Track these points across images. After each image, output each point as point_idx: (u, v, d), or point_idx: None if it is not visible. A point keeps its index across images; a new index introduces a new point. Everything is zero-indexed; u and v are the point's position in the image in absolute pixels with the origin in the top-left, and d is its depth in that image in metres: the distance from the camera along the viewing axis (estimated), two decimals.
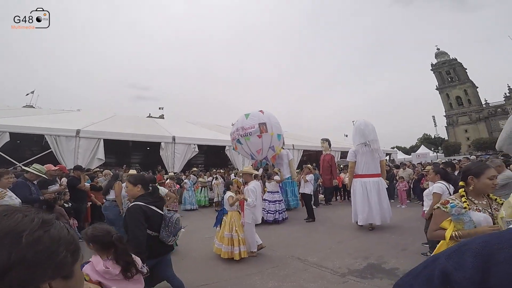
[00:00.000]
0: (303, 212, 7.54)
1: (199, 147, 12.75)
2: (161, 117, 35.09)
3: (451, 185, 3.61)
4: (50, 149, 9.08)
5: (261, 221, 6.54)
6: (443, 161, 11.64)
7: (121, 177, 5.64)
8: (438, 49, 72.12)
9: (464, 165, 9.02)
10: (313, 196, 8.00)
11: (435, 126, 52.29)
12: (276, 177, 7.48)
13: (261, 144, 7.86)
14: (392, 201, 9.63)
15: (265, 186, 7.47)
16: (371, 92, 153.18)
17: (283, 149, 9.07)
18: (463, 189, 1.90)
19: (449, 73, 68.22)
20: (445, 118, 67.65)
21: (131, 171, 6.18)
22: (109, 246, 1.71)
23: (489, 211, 1.80)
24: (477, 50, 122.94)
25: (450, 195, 3.42)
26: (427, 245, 4.12)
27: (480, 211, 1.79)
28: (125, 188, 2.83)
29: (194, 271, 3.89)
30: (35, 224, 0.49)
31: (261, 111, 8.29)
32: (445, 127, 67.23)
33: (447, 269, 0.46)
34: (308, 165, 8.23)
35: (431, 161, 19.90)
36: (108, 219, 4.99)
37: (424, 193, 4.18)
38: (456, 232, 1.77)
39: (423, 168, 10.28)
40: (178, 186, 9.49)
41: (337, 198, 10.71)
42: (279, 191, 7.39)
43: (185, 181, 10.04)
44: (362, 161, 5.95)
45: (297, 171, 9.86)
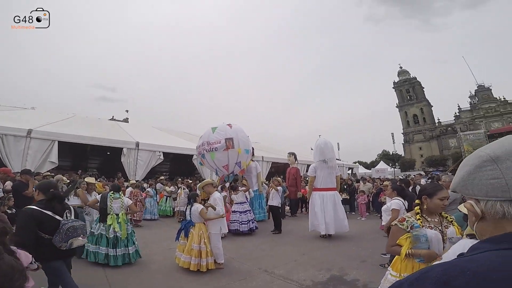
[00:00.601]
0: (270, 224, 7.78)
1: (165, 154, 12.45)
2: (126, 120, 33.55)
3: (406, 201, 4.07)
4: None
5: (235, 233, 6.82)
6: (400, 177, 12.72)
7: (78, 183, 5.42)
8: (400, 68, 78.50)
9: (416, 181, 10.11)
10: (280, 208, 8.27)
11: (394, 143, 56.89)
12: (242, 188, 7.63)
13: (227, 160, 7.75)
14: (353, 213, 10.41)
15: (231, 198, 7.57)
16: (339, 107, 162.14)
17: (252, 161, 9.29)
18: (418, 207, 2.10)
19: (409, 92, 74.10)
20: (403, 135, 73.78)
21: (89, 178, 5.86)
22: None
23: (440, 228, 2.02)
24: (435, 69, 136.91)
25: (406, 210, 3.89)
26: (384, 256, 4.56)
27: (432, 228, 2.01)
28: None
29: (156, 284, 3.86)
30: None
31: (229, 124, 8.19)
32: (402, 144, 73.05)
33: None
34: (277, 178, 8.51)
35: (389, 176, 21.66)
36: None
37: (382, 208, 4.58)
38: (409, 250, 1.95)
39: (381, 182, 11.19)
40: (144, 194, 9.28)
41: (302, 210, 11.14)
42: (246, 201, 7.53)
43: (147, 189, 9.86)
44: (321, 176, 6.70)
45: (266, 182, 10.12)
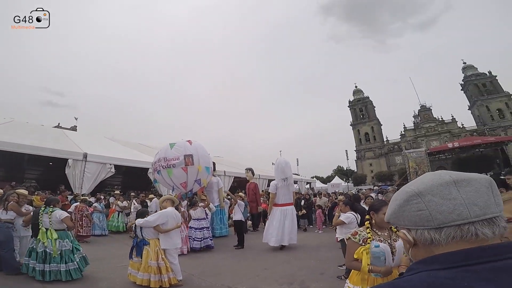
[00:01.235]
0: (231, 239, 7.86)
1: (117, 167, 11.82)
2: (73, 128, 30.91)
3: (359, 215, 4.54)
4: None
5: (185, 248, 6.67)
6: (352, 192, 13.75)
7: (7, 196, 5.03)
8: (356, 87, 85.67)
9: (366, 194, 11.09)
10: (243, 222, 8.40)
11: (347, 159, 61.52)
12: (201, 204, 7.65)
13: (186, 177, 7.59)
14: (311, 226, 10.97)
15: (189, 214, 7.50)
16: (299, 124, 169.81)
17: (214, 176, 9.33)
18: (369, 222, 2.29)
19: (362, 110, 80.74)
20: (355, 152, 79.61)
21: (20, 190, 5.36)
22: None
23: (389, 241, 2.18)
24: (386, 89, 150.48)
25: (358, 223, 4.34)
26: (340, 267, 4.94)
27: (382, 241, 2.16)
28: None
29: None
30: None
31: (188, 141, 8.08)
32: (355, 160, 78.78)
33: None
34: (240, 193, 8.66)
35: (343, 190, 23.21)
36: None
37: (334, 220, 5.06)
38: (370, 266, 2.07)
39: (336, 197, 12.02)
40: (91, 209, 8.69)
41: (265, 224, 11.36)
42: (206, 217, 7.50)
43: (94, 204, 9.36)
44: (281, 193, 7.27)
45: (228, 197, 10.21)
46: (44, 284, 4.25)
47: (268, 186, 15.33)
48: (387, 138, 76.94)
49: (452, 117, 68.48)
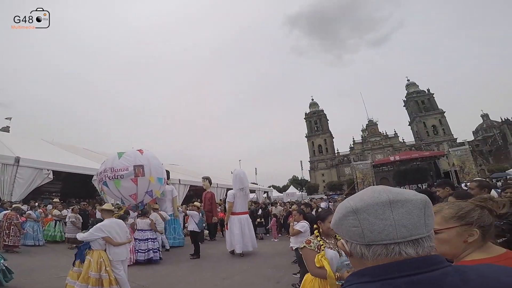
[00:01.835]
0: (187, 249, 7.72)
1: (56, 173, 10.79)
2: (6, 129, 27.16)
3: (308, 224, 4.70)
4: None
5: (131, 259, 6.36)
6: (305, 201, 14.42)
7: None
8: (312, 100, 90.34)
9: (318, 203, 11.72)
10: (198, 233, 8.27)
11: (302, 169, 64.32)
12: (152, 216, 7.40)
13: (136, 188, 7.18)
14: (267, 235, 11.21)
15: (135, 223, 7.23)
16: (259, 133, 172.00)
17: (168, 184, 9.04)
18: (317, 231, 2.43)
19: (316, 123, 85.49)
20: (309, 163, 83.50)
21: None
22: None
23: (337, 249, 2.28)
24: (339, 102, 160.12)
25: (311, 232, 4.55)
26: (295, 275, 5.13)
27: (331, 249, 2.29)
28: None
29: None
30: None
31: (139, 150, 7.69)
32: (309, 171, 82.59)
33: None
34: (195, 203, 8.54)
35: (297, 199, 24.14)
36: None
37: (290, 230, 5.12)
38: (337, 274, 2.12)
39: (290, 206, 12.46)
40: (23, 218, 7.96)
41: (222, 233, 11.28)
42: (152, 229, 7.23)
43: (28, 212, 8.64)
44: (238, 202, 7.62)
45: (181, 207, 9.97)
46: None
47: (226, 195, 15.37)
48: (338, 150, 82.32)
49: (394, 132, 76.24)
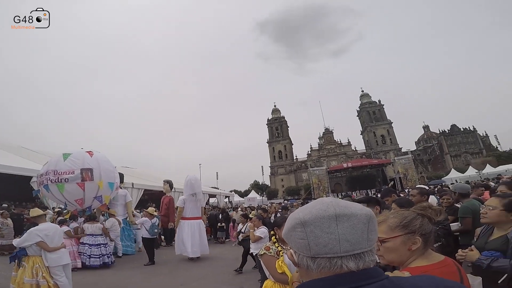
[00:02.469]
0: (142, 255, 7.52)
1: None
2: None
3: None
4: None
5: (85, 267, 6.26)
6: (263, 206, 14.73)
7: None
8: (275, 106, 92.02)
9: (276, 209, 12.04)
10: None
11: (263, 174, 65.36)
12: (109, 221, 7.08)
13: (83, 194, 6.77)
14: (228, 240, 11.24)
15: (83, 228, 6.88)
16: (221, 137, 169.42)
17: (121, 188, 8.68)
18: (274, 237, 2.48)
19: (277, 129, 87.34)
20: (270, 168, 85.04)
21: None
22: None
23: None
24: (299, 110, 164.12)
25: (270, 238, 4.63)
26: (260, 281, 5.19)
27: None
28: None
29: None
30: None
31: (89, 152, 7.26)
32: (269, 176, 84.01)
33: None
34: (149, 208, 8.30)
35: (257, 204, 24.49)
36: None
37: (251, 237, 5.06)
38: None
39: (251, 211, 12.65)
40: None
41: None
42: (103, 234, 6.96)
43: None
44: (189, 207, 7.73)
45: (137, 211, 9.56)
46: None
47: None
48: (296, 156, 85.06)
49: (348, 140, 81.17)
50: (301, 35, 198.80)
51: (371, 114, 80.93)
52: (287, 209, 9.96)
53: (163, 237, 10.37)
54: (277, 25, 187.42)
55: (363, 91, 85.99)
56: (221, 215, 11.76)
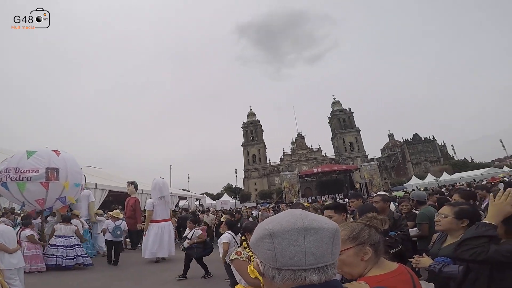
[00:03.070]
0: (101, 259, 7.31)
1: None
2: None
3: (237, 235, 4.43)
4: None
5: (56, 268, 6.05)
6: (235, 209, 14.62)
7: None
8: (250, 110, 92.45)
9: (249, 212, 12.04)
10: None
11: (236, 178, 65.09)
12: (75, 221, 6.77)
13: (46, 194, 6.42)
14: None
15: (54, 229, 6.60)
16: (195, 139, 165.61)
17: (85, 189, 8.25)
18: (245, 242, 2.49)
19: (252, 133, 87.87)
20: (243, 171, 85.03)
21: None
22: None
23: None
24: (274, 114, 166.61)
25: (236, 243, 4.54)
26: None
27: None
28: None
29: None
30: None
31: (56, 151, 6.90)
32: (243, 179, 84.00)
33: None
34: (114, 211, 7.97)
35: (230, 207, 24.24)
36: None
37: (218, 241, 4.88)
38: None
39: (222, 214, 12.54)
40: None
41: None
42: (74, 235, 6.70)
43: None
44: (158, 210, 7.89)
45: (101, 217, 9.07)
46: None
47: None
48: (270, 160, 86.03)
49: (319, 146, 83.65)
50: (281, 40, 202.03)
51: (341, 121, 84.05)
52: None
53: (128, 240, 9.94)
54: (259, 28, 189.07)
55: (335, 99, 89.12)
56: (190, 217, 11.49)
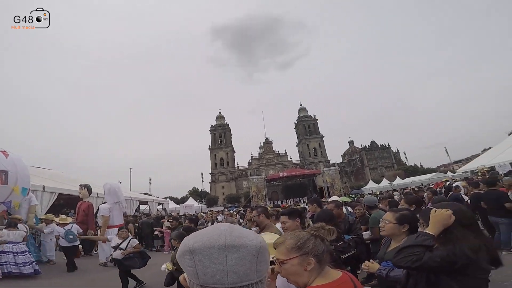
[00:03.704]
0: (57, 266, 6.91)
1: None
2: None
3: None
4: None
5: (9, 275, 5.56)
6: (203, 214, 14.24)
7: None
8: (220, 113, 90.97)
9: (214, 216, 11.79)
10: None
11: (202, 181, 63.85)
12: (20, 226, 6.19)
13: None
14: (163, 247, 10.79)
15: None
16: (158, 141, 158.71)
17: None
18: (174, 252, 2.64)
19: (221, 136, 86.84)
20: (210, 175, 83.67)
21: None
22: None
23: None
24: (243, 118, 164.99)
25: None
26: None
27: None
28: None
29: None
30: None
31: (3, 152, 6.52)
32: (210, 183, 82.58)
33: None
34: (59, 218, 7.40)
35: (195, 212, 23.57)
36: None
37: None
38: None
39: (185, 220, 12.13)
40: None
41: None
42: (22, 241, 6.15)
43: None
44: (115, 214, 7.92)
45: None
46: None
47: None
48: (238, 164, 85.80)
49: (285, 151, 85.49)
50: (255, 45, 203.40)
51: (307, 127, 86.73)
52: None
53: (81, 246, 9.18)
54: (234, 31, 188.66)
55: (301, 105, 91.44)
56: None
